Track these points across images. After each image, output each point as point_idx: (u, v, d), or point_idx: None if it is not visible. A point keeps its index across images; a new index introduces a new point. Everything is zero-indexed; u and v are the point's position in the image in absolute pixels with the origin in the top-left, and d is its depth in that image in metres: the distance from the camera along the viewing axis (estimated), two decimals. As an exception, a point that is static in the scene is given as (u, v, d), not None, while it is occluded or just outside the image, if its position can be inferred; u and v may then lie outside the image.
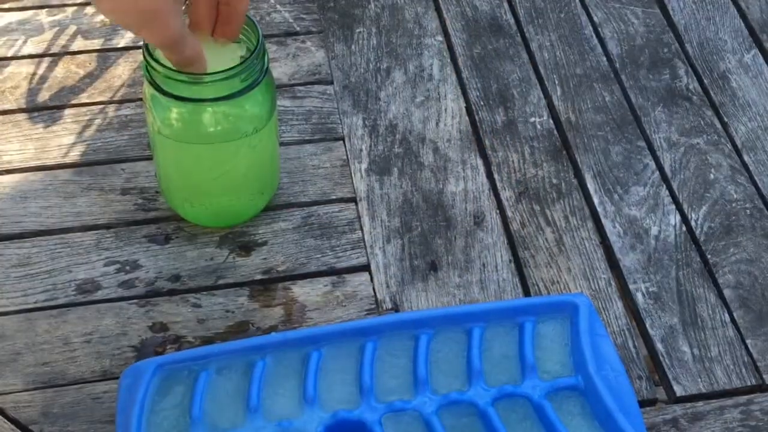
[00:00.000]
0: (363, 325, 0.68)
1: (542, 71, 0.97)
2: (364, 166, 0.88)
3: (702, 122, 0.93)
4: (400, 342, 0.67)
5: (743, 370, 0.75)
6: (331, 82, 0.95)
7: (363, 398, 0.64)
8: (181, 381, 0.65)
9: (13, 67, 0.94)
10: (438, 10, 1.03)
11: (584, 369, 0.66)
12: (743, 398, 0.74)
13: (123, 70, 0.95)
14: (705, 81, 0.97)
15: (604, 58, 0.99)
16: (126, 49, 0.97)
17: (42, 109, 0.91)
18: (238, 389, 0.65)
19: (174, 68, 0.68)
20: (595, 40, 1.00)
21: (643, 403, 0.73)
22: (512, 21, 1.02)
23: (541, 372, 0.66)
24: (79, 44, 0.97)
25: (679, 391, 0.74)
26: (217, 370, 0.65)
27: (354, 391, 0.65)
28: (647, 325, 0.78)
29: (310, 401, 0.64)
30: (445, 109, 0.93)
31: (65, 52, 0.96)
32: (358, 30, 1.00)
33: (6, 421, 0.70)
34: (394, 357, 0.67)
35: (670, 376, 0.75)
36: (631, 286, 0.80)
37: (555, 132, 0.92)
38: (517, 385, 0.66)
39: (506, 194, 0.86)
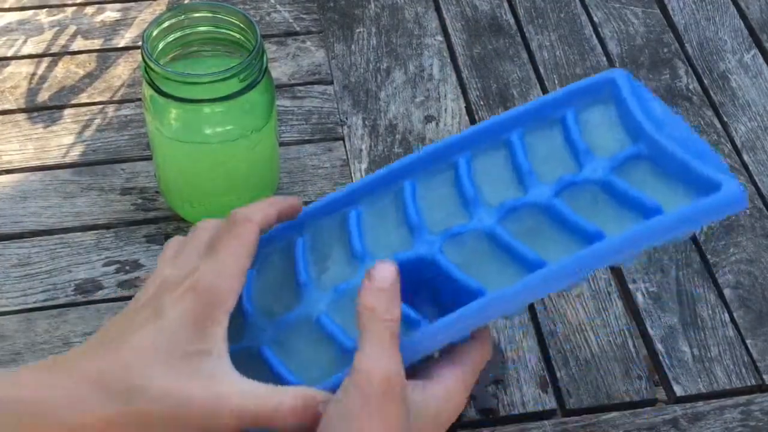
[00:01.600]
0: (394, 168, 0.63)
1: (542, 71, 0.97)
2: (364, 166, 0.88)
3: (702, 122, 0.93)
4: (438, 174, 0.62)
5: (743, 370, 0.75)
6: (331, 82, 0.95)
7: (415, 237, 0.59)
8: None
9: (12, 67, 0.94)
10: (438, 10, 1.03)
11: (643, 134, 0.59)
12: (743, 398, 0.74)
13: (123, 70, 0.95)
14: (705, 81, 0.97)
15: (604, 58, 0.99)
16: (126, 49, 0.97)
17: (42, 109, 0.91)
18: (285, 271, 0.61)
19: (172, 69, 0.68)
20: (595, 40, 1.00)
21: (642, 403, 0.73)
22: (512, 21, 1.02)
23: (597, 154, 0.60)
24: (78, 44, 0.97)
25: (679, 391, 0.74)
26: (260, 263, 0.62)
27: (404, 233, 0.60)
28: (647, 326, 0.78)
29: (360, 257, 0.59)
30: (445, 109, 0.93)
31: (65, 52, 0.96)
32: (358, 30, 1.00)
33: (6, 421, 0.70)
34: (436, 190, 0.62)
35: (670, 376, 0.75)
36: (631, 286, 0.80)
37: (555, 132, 0.92)
38: (575, 174, 0.59)
39: (506, 194, 0.86)
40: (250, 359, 0.57)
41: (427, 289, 0.58)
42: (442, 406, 0.53)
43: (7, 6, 1.00)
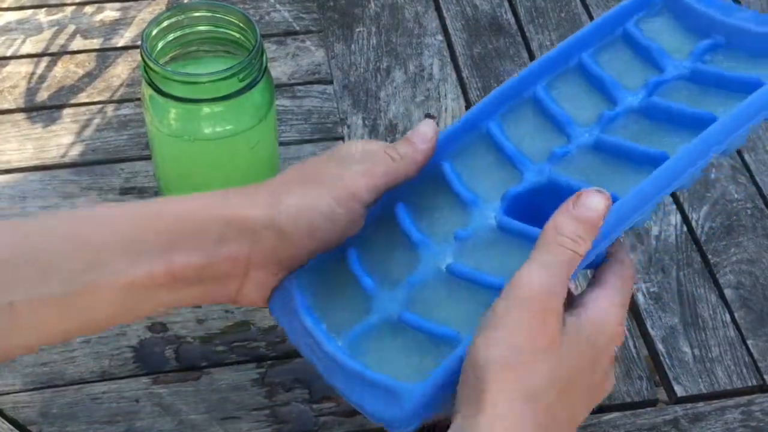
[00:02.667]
0: (473, 114, 0.62)
1: (542, 71, 0.97)
2: (363, 165, 0.87)
3: (703, 122, 0.93)
4: (519, 109, 0.62)
5: (744, 370, 0.75)
6: (331, 82, 0.95)
7: (521, 169, 0.59)
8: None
9: (11, 67, 0.94)
10: (438, 9, 1.03)
11: (715, 24, 0.59)
12: (744, 399, 0.74)
13: (122, 69, 0.94)
14: (706, 80, 0.97)
15: (605, 58, 0.98)
16: (125, 48, 0.97)
17: (41, 109, 0.91)
18: (392, 237, 0.60)
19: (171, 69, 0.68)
20: (596, 40, 1.00)
21: (643, 404, 0.73)
22: (512, 20, 1.02)
23: (673, 56, 0.60)
24: (78, 44, 0.97)
25: (679, 391, 0.74)
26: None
27: (508, 170, 0.60)
28: (648, 326, 0.78)
29: (471, 202, 0.59)
30: (445, 109, 0.93)
31: (64, 52, 0.96)
32: (357, 29, 1.00)
33: (5, 421, 0.70)
34: (522, 123, 0.61)
35: (670, 377, 0.75)
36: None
37: (555, 132, 0.92)
38: (660, 75, 0.60)
39: (506, 194, 0.86)
40: (391, 331, 0.56)
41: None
42: (598, 329, 0.52)
43: (6, 5, 1.00)
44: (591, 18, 1.02)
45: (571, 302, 0.53)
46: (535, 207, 0.57)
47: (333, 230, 0.56)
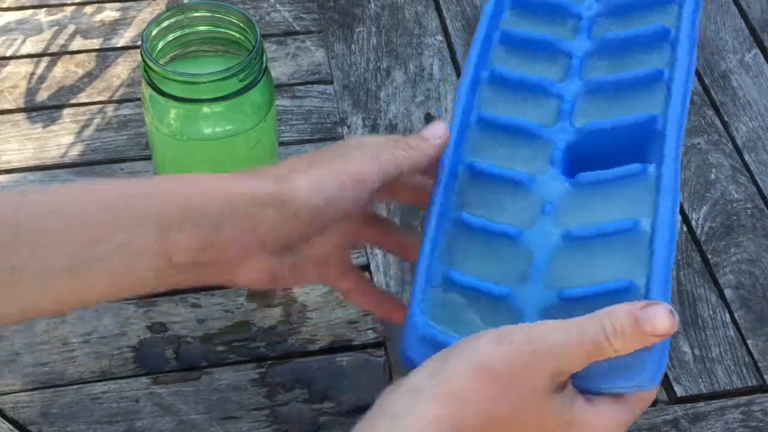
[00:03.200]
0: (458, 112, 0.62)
1: (542, 71, 0.97)
2: (363, 165, 0.87)
3: (703, 122, 0.93)
4: (494, 94, 0.63)
5: (744, 370, 0.75)
6: (331, 82, 0.95)
7: (546, 136, 0.60)
8: None
9: (11, 67, 0.94)
10: (438, 9, 1.03)
11: None
12: (744, 399, 0.74)
13: (122, 69, 0.94)
14: (706, 80, 0.97)
15: (605, 58, 0.98)
16: (125, 48, 0.97)
17: (41, 109, 0.91)
18: (481, 243, 0.59)
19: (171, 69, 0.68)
20: (596, 40, 1.00)
21: (643, 404, 0.73)
22: (512, 20, 1.02)
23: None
24: (78, 44, 0.97)
25: (679, 391, 0.74)
26: None
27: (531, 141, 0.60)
28: (648, 326, 0.78)
29: (527, 182, 0.58)
30: (446, 109, 0.93)
31: (64, 52, 0.96)
32: (358, 29, 1.00)
33: (5, 421, 0.70)
34: (508, 107, 0.62)
35: (670, 377, 0.75)
36: (632, 286, 0.80)
37: (555, 132, 0.92)
38: (583, 20, 0.64)
39: (506, 194, 0.86)
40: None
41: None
42: (587, 427, 0.50)
43: (5, 5, 1.00)
44: (591, 18, 1.02)
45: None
46: (582, 155, 0.58)
47: (336, 214, 0.56)
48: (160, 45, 0.74)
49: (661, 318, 0.48)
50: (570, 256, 0.55)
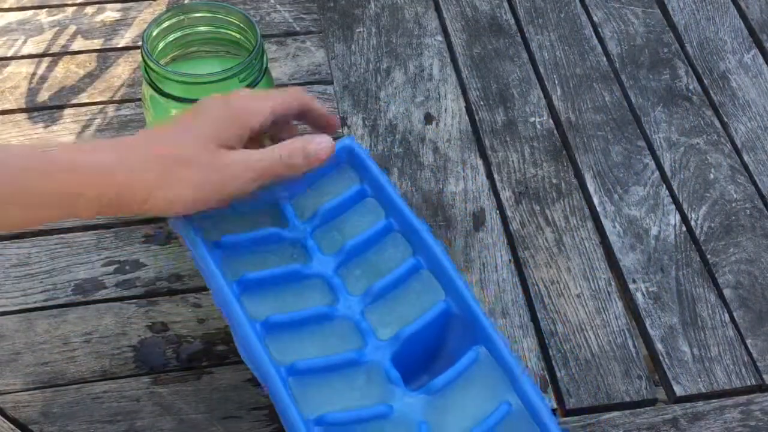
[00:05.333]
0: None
1: (542, 71, 0.97)
2: (363, 166, 0.88)
3: (702, 122, 0.93)
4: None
5: (743, 370, 0.75)
6: (331, 82, 0.95)
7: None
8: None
9: (12, 67, 0.94)
10: (438, 9, 1.03)
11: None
12: (743, 398, 0.74)
13: (123, 70, 0.95)
14: (705, 81, 0.97)
15: (604, 58, 0.99)
16: (126, 49, 0.97)
17: (42, 109, 0.91)
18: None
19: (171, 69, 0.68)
20: (595, 40, 1.00)
21: (643, 403, 0.73)
22: (512, 21, 1.02)
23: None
24: (78, 44, 0.97)
25: (679, 391, 0.74)
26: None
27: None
28: (647, 325, 0.78)
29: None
30: (445, 109, 0.93)
31: (65, 52, 0.96)
32: (358, 30, 1.00)
33: (5, 420, 0.70)
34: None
35: (670, 376, 0.75)
36: (631, 286, 0.80)
37: (555, 132, 0.92)
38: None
39: (506, 194, 0.86)
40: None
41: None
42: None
43: (7, 6, 1.00)
44: (590, 18, 1.02)
45: None
46: (404, 359, 0.61)
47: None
48: (161, 45, 0.74)
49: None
50: None
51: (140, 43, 0.73)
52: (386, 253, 0.65)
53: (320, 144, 0.63)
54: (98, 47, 0.97)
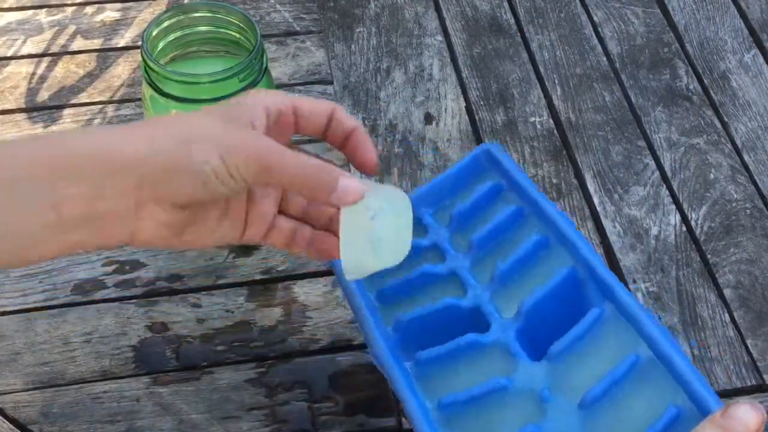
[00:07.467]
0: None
1: (542, 71, 0.97)
2: (363, 165, 0.88)
3: (702, 122, 0.93)
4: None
5: (743, 370, 0.75)
6: (331, 82, 0.95)
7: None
8: None
9: (12, 67, 0.94)
10: (438, 9, 1.03)
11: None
12: (743, 398, 0.74)
13: (123, 69, 0.95)
14: (705, 81, 0.97)
15: (604, 58, 0.99)
16: (125, 48, 0.97)
17: (41, 109, 0.91)
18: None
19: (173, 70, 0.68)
20: (595, 40, 1.00)
21: (643, 403, 0.73)
22: (512, 21, 1.02)
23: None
24: (78, 44, 0.97)
25: (679, 391, 0.74)
26: None
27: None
28: (647, 325, 0.78)
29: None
30: (445, 109, 0.93)
31: (65, 52, 0.96)
32: (358, 30, 1.00)
33: (5, 420, 0.70)
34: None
35: (670, 376, 0.75)
36: (631, 286, 0.80)
37: (555, 132, 0.92)
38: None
39: (506, 194, 0.86)
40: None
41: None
42: None
43: (6, 6, 1.00)
44: (590, 18, 1.02)
45: None
46: (530, 333, 0.60)
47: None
48: (161, 45, 0.74)
49: (745, 413, 0.45)
50: (598, 420, 0.54)
51: (140, 43, 0.73)
52: (516, 236, 0.63)
53: (347, 186, 0.53)
54: (98, 47, 0.97)
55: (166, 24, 0.74)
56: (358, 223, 0.53)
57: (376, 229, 0.54)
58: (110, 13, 1.00)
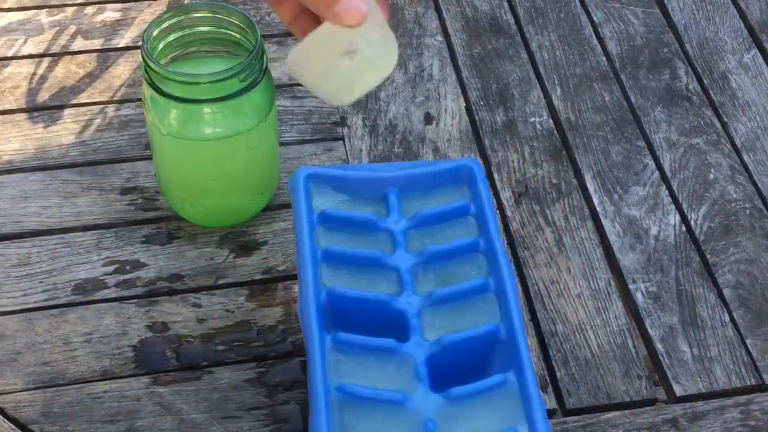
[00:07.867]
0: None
1: (542, 71, 0.97)
2: (363, 166, 0.88)
3: (702, 122, 0.93)
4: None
5: (743, 369, 0.76)
6: (331, 82, 0.95)
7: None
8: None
9: (13, 67, 0.94)
10: (438, 10, 1.03)
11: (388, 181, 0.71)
12: (743, 398, 0.74)
13: (123, 70, 0.95)
14: (705, 81, 0.97)
15: (604, 58, 0.99)
16: (126, 49, 0.97)
17: (42, 109, 0.91)
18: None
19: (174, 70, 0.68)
20: (595, 40, 1.00)
21: (642, 403, 0.73)
22: (512, 21, 1.02)
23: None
24: (79, 44, 0.97)
25: (678, 390, 0.74)
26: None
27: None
28: (647, 325, 0.78)
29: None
30: (445, 109, 0.93)
31: (65, 52, 0.96)
32: (358, 30, 1.00)
33: (6, 420, 0.70)
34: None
35: (669, 376, 0.75)
36: (631, 286, 0.80)
37: (555, 132, 0.92)
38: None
39: (506, 194, 0.86)
40: None
41: None
42: None
43: (7, 6, 1.00)
44: (590, 18, 1.02)
45: None
46: (439, 366, 0.62)
47: None
48: (161, 45, 0.74)
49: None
50: None
51: (140, 43, 0.73)
52: (463, 267, 0.67)
53: (350, 5, 0.48)
54: (98, 47, 0.97)
55: (166, 24, 0.74)
56: (331, 47, 0.50)
57: (341, 65, 0.51)
58: (111, 13, 1.00)
